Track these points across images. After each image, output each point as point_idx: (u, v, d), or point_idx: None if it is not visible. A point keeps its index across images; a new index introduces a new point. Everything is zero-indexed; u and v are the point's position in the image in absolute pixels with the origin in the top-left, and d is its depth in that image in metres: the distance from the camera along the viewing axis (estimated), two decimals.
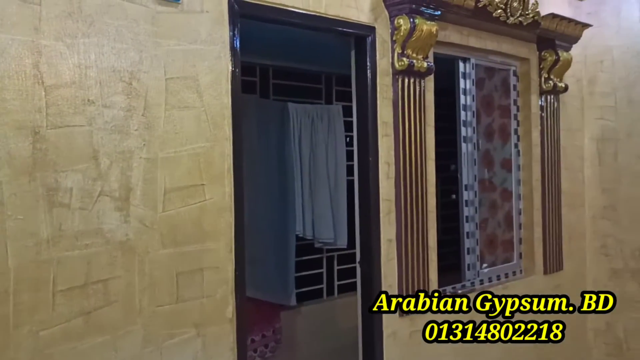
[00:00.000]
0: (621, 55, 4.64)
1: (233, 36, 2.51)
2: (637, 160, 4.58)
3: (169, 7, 2.31)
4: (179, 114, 2.34)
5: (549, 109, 4.38)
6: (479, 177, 4.05)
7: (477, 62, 4.00)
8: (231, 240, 2.49)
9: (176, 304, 2.33)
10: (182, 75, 2.35)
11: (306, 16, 2.84)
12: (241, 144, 2.56)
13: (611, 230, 4.70)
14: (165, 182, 2.30)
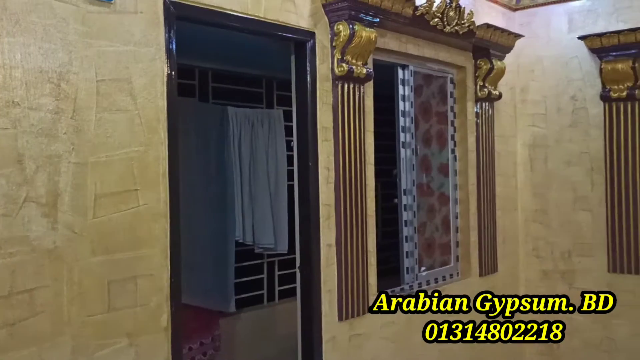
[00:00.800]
0: (551, 65, 4.84)
1: (169, 38, 2.46)
2: (565, 165, 4.78)
3: (100, 6, 2.23)
4: (111, 117, 2.27)
5: (484, 115, 4.51)
6: (418, 181, 4.12)
7: (415, 69, 4.08)
8: (166, 247, 2.43)
9: (107, 314, 2.25)
10: (115, 77, 2.27)
11: (245, 20, 2.82)
12: (177, 148, 2.51)
13: (542, 233, 4.89)
14: (96, 188, 2.22)
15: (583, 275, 4.68)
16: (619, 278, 4.50)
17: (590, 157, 4.66)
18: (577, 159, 4.73)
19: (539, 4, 4.87)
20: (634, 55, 4.37)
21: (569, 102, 4.77)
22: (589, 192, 4.67)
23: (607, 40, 4.43)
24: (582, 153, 4.71)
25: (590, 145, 4.66)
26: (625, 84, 4.45)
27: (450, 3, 3.87)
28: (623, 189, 4.47)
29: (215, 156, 4.18)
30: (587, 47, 4.58)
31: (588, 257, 4.66)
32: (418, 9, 3.63)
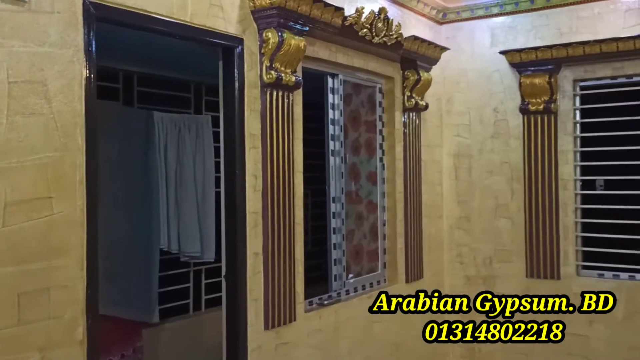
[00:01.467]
0: (475, 78, 5.02)
1: (88, 40, 2.37)
2: (487, 175, 4.96)
3: (13, 5, 2.12)
4: (23, 121, 2.15)
5: (411, 125, 4.62)
6: (346, 189, 4.16)
7: (345, 78, 4.12)
8: (82, 257, 2.33)
9: (17, 327, 2.13)
10: (28, 79, 2.17)
11: (170, 24, 2.76)
12: (96, 153, 2.42)
13: (465, 239, 5.05)
14: (5, 195, 2.10)
15: (503, 281, 4.86)
16: (536, 283, 4.71)
17: (511, 167, 4.86)
18: (498, 168, 4.92)
19: (463, 18, 5.04)
20: (550, 71, 4.60)
21: (491, 114, 4.96)
22: (509, 200, 4.87)
23: (526, 56, 4.65)
24: (503, 163, 4.90)
25: (511, 156, 4.86)
26: (542, 97, 4.66)
27: (379, 15, 3.94)
28: (540, 197, 4.69)
29: (139, 162, 4.06)
30: (508, 62, 4.78)
31: (508, 263, 4.85)
32: (347, 19, 3.67)
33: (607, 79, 4.56)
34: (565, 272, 4.61)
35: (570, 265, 4.61)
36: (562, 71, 4.64)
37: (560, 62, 4.58)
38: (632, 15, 4.39)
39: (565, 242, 4.63)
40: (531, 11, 4.77)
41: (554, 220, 4.64)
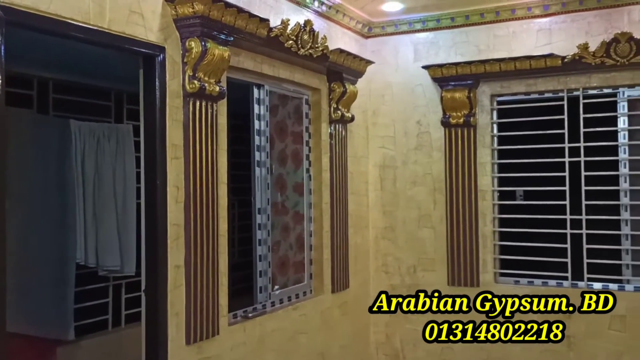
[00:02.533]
0: (399, 91, 5.15)
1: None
2: (411, 185, 5.09)
3: None
4: None
5: (338, 136, 4.67)
6: (272, 200, 4.15)
7: (271, 89, 4.12)
8: None
9: None
10: None
11: (86, 30, 2.66)
12: (4, 163, 2.29)
13: (390, 249, 5.15)
14: None
15: (426, 289, 4.98)
16: (457, 291, 4.86)
17: (433, 178, 5.01)
18: (421, 179, 5.05)
19: (388, 33, 5.16)
20: (469, 86, 4.78)
21: (414, 126, 5.10)
22: (431, 211, 5.00)
23: (447, 71, 4.82)
24: (426, 174, 5.04)
25: (433, 167, 5.01)
26: (462, 111, 4.84)
27: (305, 27, 3.97)
28: (460, 208, 4.85)
29: (55, 172, 3.88)
30: (430, 76, 4.93)
31: (431, 272, 4.98)
32: (273, 30, 3.68)
33: (522, 95, 4.79)
34: (484, 279, 4.79)
35: (488, 273, 4.79)
36: (481, 86, 4.84)
37: (479, 78, 4.78)
38: (543, 35, 4.64)
39: (484, 251, 4.81)
40: (452, 28, 4.95)
41: (474, 229, 4.81)
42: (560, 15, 4.59)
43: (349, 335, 4.77)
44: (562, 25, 4.58)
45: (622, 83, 4.44)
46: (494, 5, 4.72)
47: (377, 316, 5.15)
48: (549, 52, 4.52)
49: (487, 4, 4.70)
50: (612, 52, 4.30)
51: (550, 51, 4.53)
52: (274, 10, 3.96)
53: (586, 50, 4.37)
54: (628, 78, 4.40)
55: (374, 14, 4.97)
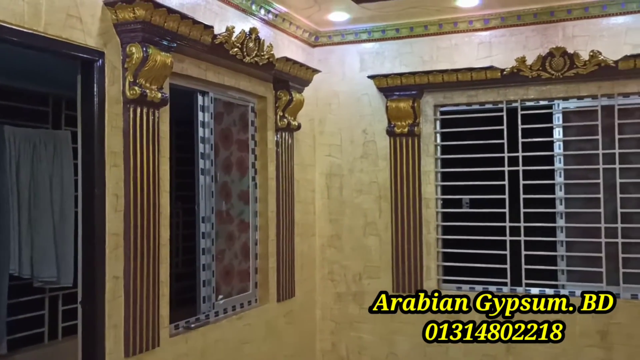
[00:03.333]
0: (345, 100, 5.19)
1: None
2: (357, 194, 5.13)
3: None
4: None
5: (284, 145, 4.67)
6: (217, 209, 4.10)
7: (216, 96, 4.09)
8: None
9: None
10: None
11: (20, 33, 2.58)
12: None
13: (337, 257, 5.17)
14: None
15: (372, 296, 5.02)
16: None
17: (379, 186, 5.07)
18: (367, 187, 5.11)
19: (335, 42, 5.21)
20: (413, 96, 4.87)
21: (360, 135, 5.15)
22: (377, 218, 5.06)
23: (392, 81, 4.89)
24: (371, 182, 5.10)
25: (379, 175, 5.07)
26: (407, 121, 4.92)
27: (250, 34, 3.96)
28: (405, 215, 4.92)
29: None
30: (376, 86, 5.00)
31: (376, 279, 5.02)
32: (217, 37, 3.65)
33: (464, 105, 4.92)
34: (428, 286, 4.87)
35: (432, 280, 4.88)
36: (425, 96, 4.94)
37: (423, 88, 4.88)
38: (484, 48, 4.78)
39: (428, 258, 4.89)
40: (397, 39, 5.04)
41: (418, 237, 4.89)
42: (500, 29, 4.74)
43: (294, 344, 4.76)
44: (502, 39, 4.73)
45: (557, 95, 4.62)
46: (437, 18, 4.83)
47: (323, 324, 5.17)
48: (489, 64, 4.66)
49: (431, 16, 4.81)
50: (548, 66, 4.47)
51: (490, 63, 4.67)
52: (219, 17, 3.94)
53: (524, 63, 4.53)
54: (562, 91, 4.59)
55: (320, 23, 5.00)
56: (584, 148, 4.63)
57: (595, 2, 4.42)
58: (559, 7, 4.52)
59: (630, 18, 4.39)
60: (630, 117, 4.50)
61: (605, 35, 4.44)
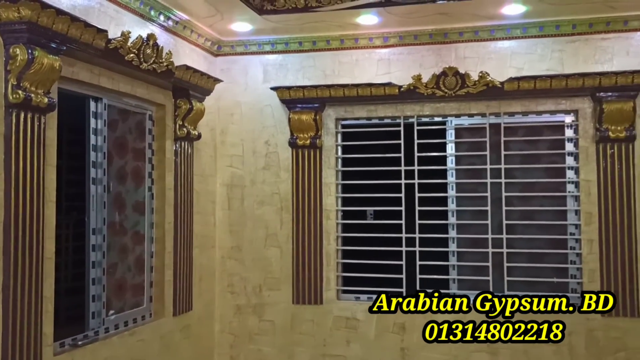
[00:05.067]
0: (248, 111, 5.17)
1: None
2: (258, 205, 5.11)
3: None
4: None
5: (183, 154, 4.57)
6: (109, 220, 3.93)
7: (110, 102, 3.93)
8: None
9: None
10: None
11: None
12: None
13: (237, 269, 5.11)
14: None
15: (271, 308, 5.01)
16: (302, 309, 4.95)
17: (280, 198, 5.07)
18: (269, 199, 5.10)
19: (238, 52, 5.18)
20: (316, 109, 4.94)
21: (263, 146, 5.14)
22: (278, 230, 5.06)
23: (295, 93, 4.94)
24: (273, 194, 5.10)
25: (281, 187, 5.08)
26: (309, 133, 4.98)
27: (147, 41, 3.85)
28: (306, 227, 4.96)
29: None
30: (279, 98, 5.02)
31: (276, 291, 5.02)
32: (111, 42, 3.52)
33: (364, 119, 5.05)
34: (327, 296, 4.92)
35: (331, 290, 4.94)
36: (326, 110, 5.02)
37: (325, 102, 4.96)
38: (383, 65, 4.94)
39: (328, 269, 4.95)
40: (300, 52, 5.10)
41: (319, 248, 4.95)
42: (398, 47, 4.92)
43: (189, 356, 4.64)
44: (400, 56, 4.91)
45: (450, 113, 4.86)
46: (339, 34, 4.94)
47: (221, 337, 5.08)
48: (388, 81, 4.82)
49: (333, 31, 4.91)
50: (442, 84, 4.70)
51: (389, 80, 4.83)
52: (115, 22, 3.80)
53: (419, 81, 4.73)
54: (455, 108, 4.83)
55: (223, 32, 4.96)
56: (474, 163, 4.90)
57: (484, 27, 4.70)
58: (452, 30, 4.76)
59: (515, 43, 4.71)
60: (514, 135, 4.82)
61: (493, 58, 4.74)
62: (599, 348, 4.46)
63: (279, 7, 4.45)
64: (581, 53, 4.58)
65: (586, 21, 4.54)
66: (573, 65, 4.58)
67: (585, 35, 4.58)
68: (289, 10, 4.45)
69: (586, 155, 4.58)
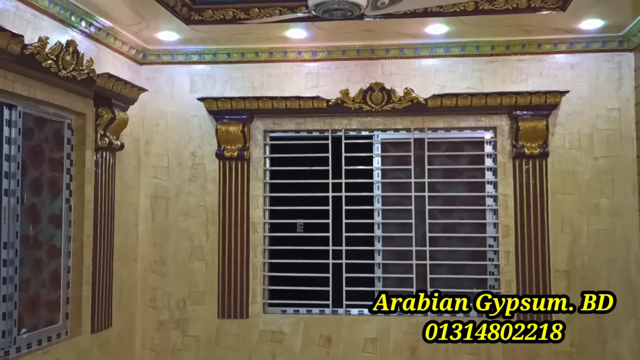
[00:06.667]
0: (174, 121, 5.07)
1: None
2: (184, 217, 5.01)
3: None
4: None
5: (104, 165, 4.41)
6: (22, 233, 3.73)
7: (25, 110, 3.75)
8: None
9: None
10: None
11: None
12: None
13: (160, 283, 4.97)
14: None
15: (195, 323, 4.91)
16: (227, 323, 4.88)
17: (207, 210, 4.99)
18: (194, 211, 5.00)
19: (164, 62, 5.07)
20: (243, 120, 4.91)
21: (189, 157, 5.05)
22: (204, 243, 4.97)
23: (222, 104, 4.89)
24: (199, 206, 5.01)
25: (207, 199, 5.00)
26: (236, 144, 4.94)
27: (67, 47, 3.71)
28: (233, 240, 4.90)
29: None
30: (206, 109, 4.95)
31: (201, 305, 4.92)
32: (28, 47, 3.36)
33: (292, 132, 5.06)
34: (253, 310, 4.88)
35: (257, 304, 4.89)
36: (255, 121, 5.00)
37: (253, 113, 4.93)
38: (311, 78, 4.98)
39: (254, 282, 4.91)
40: (228, 63, 5.05)
41: (245, 261, 4.90)
42: (327, 62, 4.98)
43: None
44: (328, 71, 4.97)
45: (376, 127, 4.95)
46: (268, 46, 4.93)
47: (143, 354, 4.93)
48: (317, 94, 4.86)
49: (262, 44, 4.90)
50: (368, 99, 4.79)
51: (317, 93, 4.87)
52: (32, 26, 3.63)
53: (347, 95, 4.80)
54: (381, 123, 4.93)
55: (149, 41, 4.84)
56: (399, 177, 5.01)
57: (409, 44, 4.83)
58: (378, 46, 4.87)
59: (438, 61, 4.87)
60: (438, 150, 4.97)
61: (418, 75, 4.88)
62: (514, 356, 4.65)
63: (207, 17, 4.40)
64: (499, 73, 4.80)
65: (503, 43, 4.76)
66: (492, 84, 4.79)
67: (502, 56, 4.80)
68: (217, 22, 4.41)
69: (504, 171, 4.79)
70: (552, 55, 4.75)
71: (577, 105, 4.70)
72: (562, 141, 4.72)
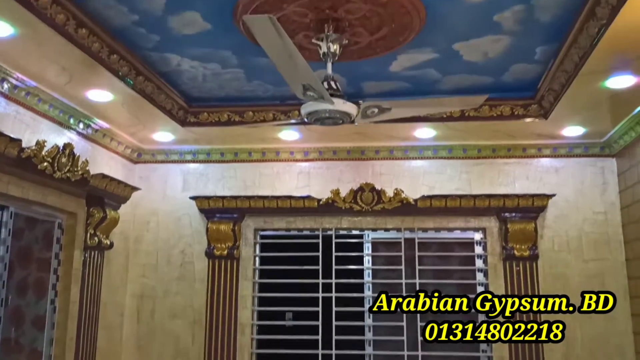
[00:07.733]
0: (165, 219, 5.07)
1: None
2: (170, 318, 4.88)
3: None
4: None
5: (92, 264, 4.35)
6: (4, 336, 3.61)
7: (17, 211, 3.75)
8: None
9: None
10: None
11: None
12: None
13: None
14: None
15: None
16: None
17: (194, 310, 4.88)
18: (181, 311, 4.89)
19: (158, 160, 5.15)
20: (234, 219, 4.92)
21: (178, 256, 5.01)
22: (189, 345, 4.82)
23: (214, 203, 4.92)
24: (186, 306, 4.91)
25: (194, 299, 4.90)
26: (227, 243, 4.92)
27: (64, 150, 3.77)
28: (220, 342, 4.76)
29: None
30: (198, 207, 4.97)
31: None
32: (25, 150, 3.41)
33: (283, 230, 5.07)
34: None
35: None
36: (246, 220, 5.01)
37: (244, 212, 4.95)
38: (303, 178, 5.06)
39: None
40: (221, 162, 5.14)
41: None
42: (318, 162, 5.08)
43: None
44: (319, 170, 5.06)
45: (367, 226, 4.98)
46: (261, 146, 5.05)
47: None
48: (308, 193, 4.92)
49: (255, 144, 5.01)
50: (359, 199, 4.85)
51: (309, 192, 4.93)
52: (31, 129, 3.70)
53: (338, 195, 4.86)
54: (372, 222, 4.96)
55: (144, 141, 4.94)
56: (390, 277, 4.97)
57: (398, 146, 4.97)
58: (368, 147, 5.00)
59: (427, 163, 4.99)
60: (428, 250, 4.97)
61: (407, 176, 4.97)
62: None
63: (203, 119, 4.53)
64: (487, 175, 4.91)
65: (490, 146, 4.90)
66: (480, 186, 4.88)
67: (489, 159, 4.93)
68: (212, 124, 4.54)
69: (495, 271, 4.78)
70: (537, 158, 4.89)
71: (564, 208, 4.78)
72: (551, 243, 4.75)
